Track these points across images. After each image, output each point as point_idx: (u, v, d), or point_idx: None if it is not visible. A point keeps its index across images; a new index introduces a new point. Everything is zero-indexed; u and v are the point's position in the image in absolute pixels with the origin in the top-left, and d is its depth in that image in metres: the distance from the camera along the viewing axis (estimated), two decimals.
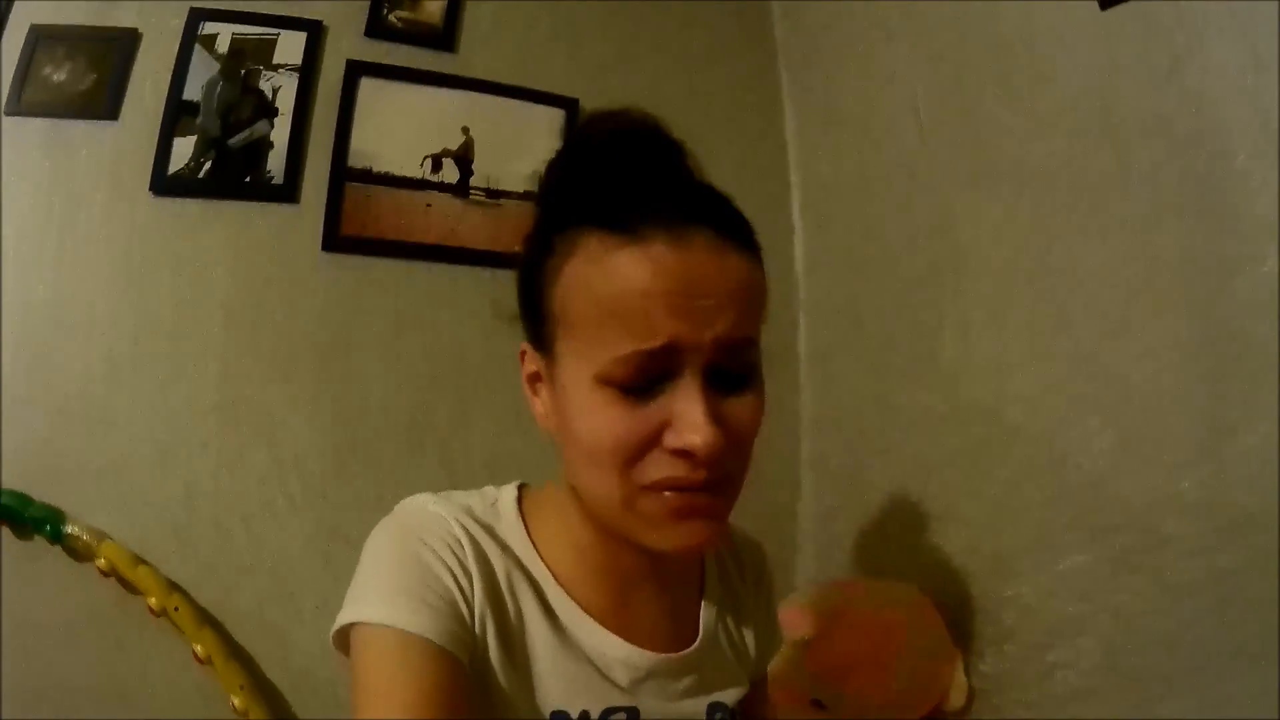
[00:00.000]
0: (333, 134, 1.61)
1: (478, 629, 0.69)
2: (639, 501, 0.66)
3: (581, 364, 0.65)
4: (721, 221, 0.66)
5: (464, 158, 1.65)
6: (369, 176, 1.61)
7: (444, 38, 1.71)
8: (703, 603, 0.83)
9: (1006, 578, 1.28)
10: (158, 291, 1.49)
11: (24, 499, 1.37)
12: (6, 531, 1.37)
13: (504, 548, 0.73)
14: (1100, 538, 1.15)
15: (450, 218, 1.62)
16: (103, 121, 1.54)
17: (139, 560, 1.39)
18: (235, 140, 1.57)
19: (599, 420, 0.65)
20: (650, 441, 0.64)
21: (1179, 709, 1.03)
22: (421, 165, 1.63)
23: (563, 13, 1.78)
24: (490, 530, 0.74)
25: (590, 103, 1.66)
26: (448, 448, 1.56)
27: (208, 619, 1.41)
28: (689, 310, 0.62)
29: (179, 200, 1.53)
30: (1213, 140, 1.06)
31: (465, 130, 1.66)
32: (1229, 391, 1.01)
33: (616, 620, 0.75)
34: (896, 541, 1.48)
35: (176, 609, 1.38)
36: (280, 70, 1.62)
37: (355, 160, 1.61)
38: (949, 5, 1.48)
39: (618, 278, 0.63)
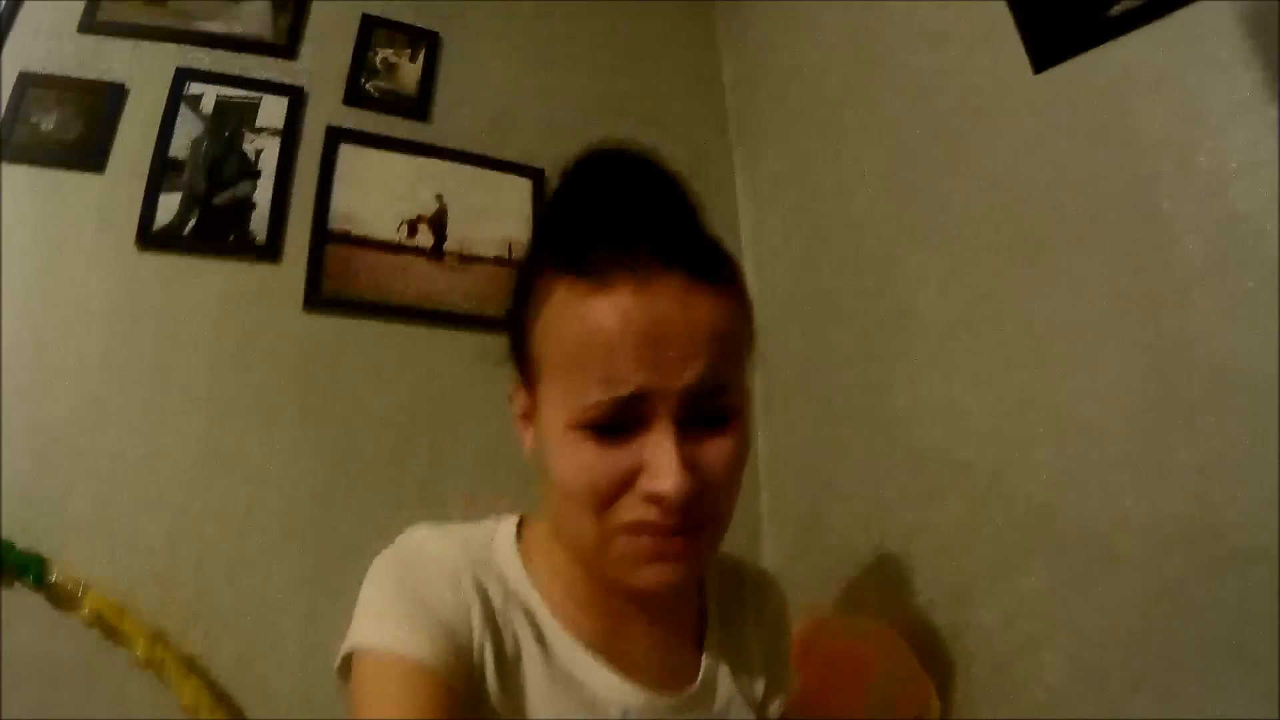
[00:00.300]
0: (313, 196, 1.69)
1: (475, 658, 0.70)
2: (613, 542, 0.67)
3: (558, 408, 0.67)
4: (695, 263, 0.66)
5: (438, 222, 1.76)
6: (348, 239, 1.69)
7: (418, 107, 1.82)
8: (705, 645, 0.83)
9: (968, 605, 1.38)
10: (143, 341, 1.53)
11: (7, 545, 1.37)
12: None
13: (501, 580, 0.75)
14: (1054, 559, 1.26)
15: (426, 280, 1.72)
16: (90, 174, 1.58)
17: (123, 611, 1.40)
18: (220, 198, 1.64)
19: (573, 463, 0.66)
20: (624, 484, 0.65)
21: (1143, 711, 1.11)
22: (398, 230, 1.73)
23: (532, 84, 1.91)
24: (487, 563, 0.75)
25: (557, 173, 1.80)
26: (426, 492, 1.64)
27: (193, 668, 1.43)
28: (655, 360, 0.63)
29: (163, 254, 1.59)
30: (1141, 189, 1.19)
31: (439, 197, 1.77)
32: (1165, 417, 1.13)
33: (609, 654, 0.76)
34: (859, 581, 1.58)
35: (163, 661, 1.39)
36: (263, 133, 1.69)
37: (335, 222, 1.69)
38: (895, 78, 1.64)
39: (585, 326, 0.64)
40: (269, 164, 1.68)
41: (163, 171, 1.62)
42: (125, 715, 1.40)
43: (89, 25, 1.66)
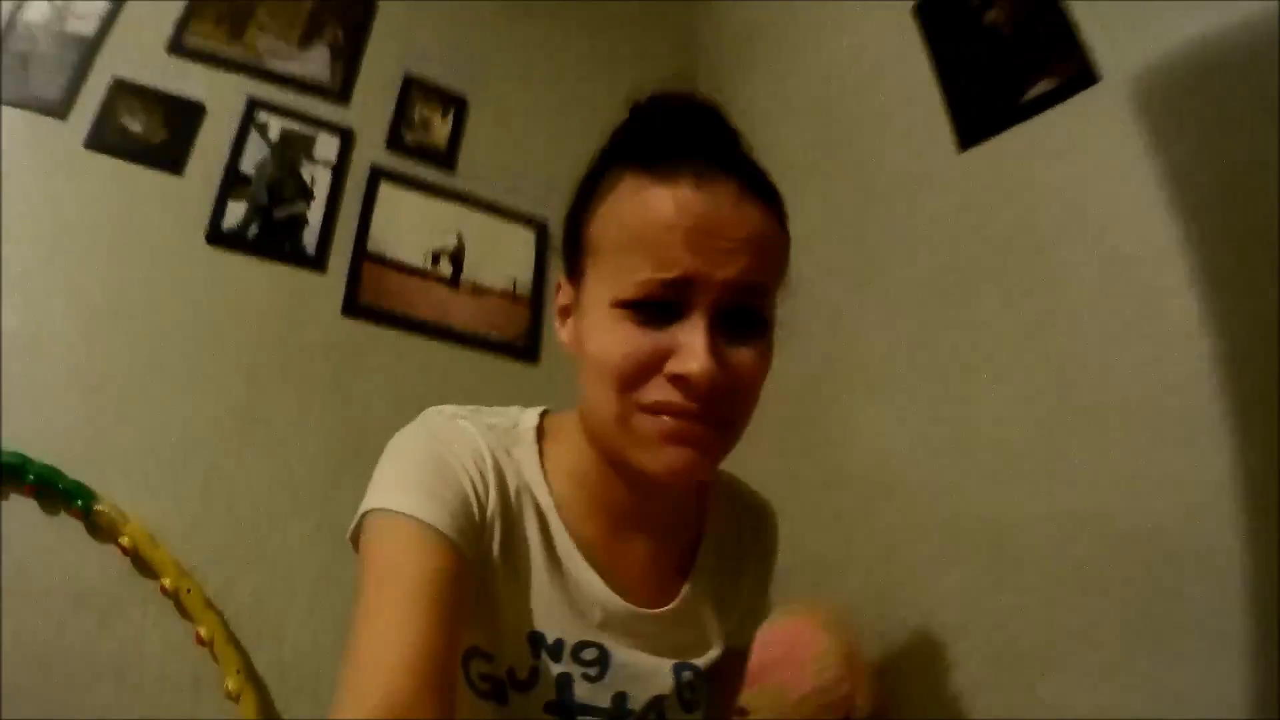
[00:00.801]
0: (356, 221, 1.97)
1: (486, 534, 0.74)
2: (634, 420, 0.71)
3: (604, 287, 0.72)
4: (748, 177, 0.73)
5: (457, 257, 2.06)
6: (383, 260, 1.97)
7: (447, 157, 2.13)
8: (694, 567, 0.87)
9: (895, 605, 1.55)
10: (201, 318, 1.76)
11: (55, 472, 1.53)
12: (32, 504, 1.53)
13: (517, 470, 0.79)
14: (971, 559, 1.45)
15: (443, 303, 2.01)
16: (169, 175, 1.82)
17: (157, 544, 1.57)
18: (279, 213, 1.89)
19: (610, 338, 0.70)
20: (653, 365, 0.69)
21: (1057, 686, 1.25)
22: (424, 258, 2.03)
23: (541, 143, 2.21)
24: (508, 450, 0.79)
25: (560, 225, 2.14)
26: None
27: (212, 605, 1.60)
28: (706, 248, 0.68)
29: (228, 252, 1.83)
30: (1042, 239, 1.46)
31: (459, 235, 2.07)
32: (1061, 427, 1.36)
33: (603, 561, 0.80)
34: (798, 590, 1.67)
35: (189, 591, 1.57)
36: (318, 163, 1.97)
37: (373, 245, 1.97)
38: (845, 155, 1.96)
39: (646, 210, 0.70)
40: (321, 190, 1.95)
41: (231, 183, 1.87)
42: (139, 640, 1.55)
43: (177, 48, 1.91)
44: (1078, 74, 1.52)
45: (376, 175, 2.03)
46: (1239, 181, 1.25)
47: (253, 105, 1.94)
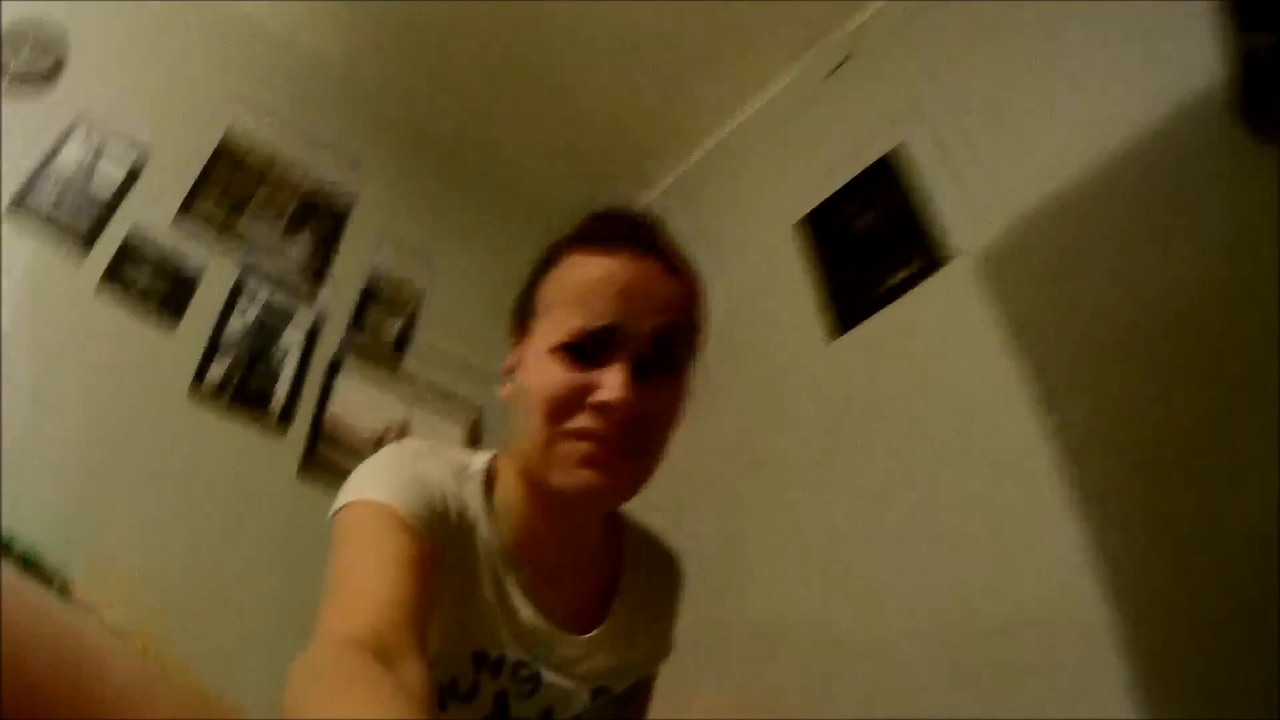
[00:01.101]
0: (318, 396, 2.19)
1: (447, 551, 0.80)
2: (558, 444, 0.80)
3: (545, 339, 0.83)
4: (672, 261, 0.87)
5: (401, 434, 2.29)
6: (337, 431, 2.19)
7: (397, 350, 2.41)
8: (614, 601, 0.95)
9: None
10: (179, 454, 1.92)
11: (39, 554, 1.57)
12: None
13: (467, 504, 0.86)
14: (860, 678, 1.73)
15: None
16: (167, 327, 2.00)
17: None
18: (253, 378, 2.09)
19: (544, 376, 0.81)
20: (579, 398, 0.79)
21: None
22: (373, 432, 2.25)
23: (483, 341, 2.38)
24: (461, 486, 0.86)
25: (490, 414, 2.42)
26: None
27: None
28: (632, 305, 0.81)
29: (208, 403, 2.00)
30: (904, 396, 1.85)
31: (405, 415, 2.32)
32: (923, 551, 1.70)
33: (537, 591, 0.88)
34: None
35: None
36: (290, 339, 2.20)
37: (330, 414, 2.18)
38: (740, 356, 2.25)
39: (586, 272, 0.83)
40: (291, 363, 2.17)
41: (216, 345, 2.06)
42: None
43: (182, 218, 2.14)
44: (929, 260, 1.95)
45: (335, 365, 2.27)
46: (1071, 328, 1.68)
47: (241, 282, 2.17)
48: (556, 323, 0.82)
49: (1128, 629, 1.45)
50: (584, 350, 0.80)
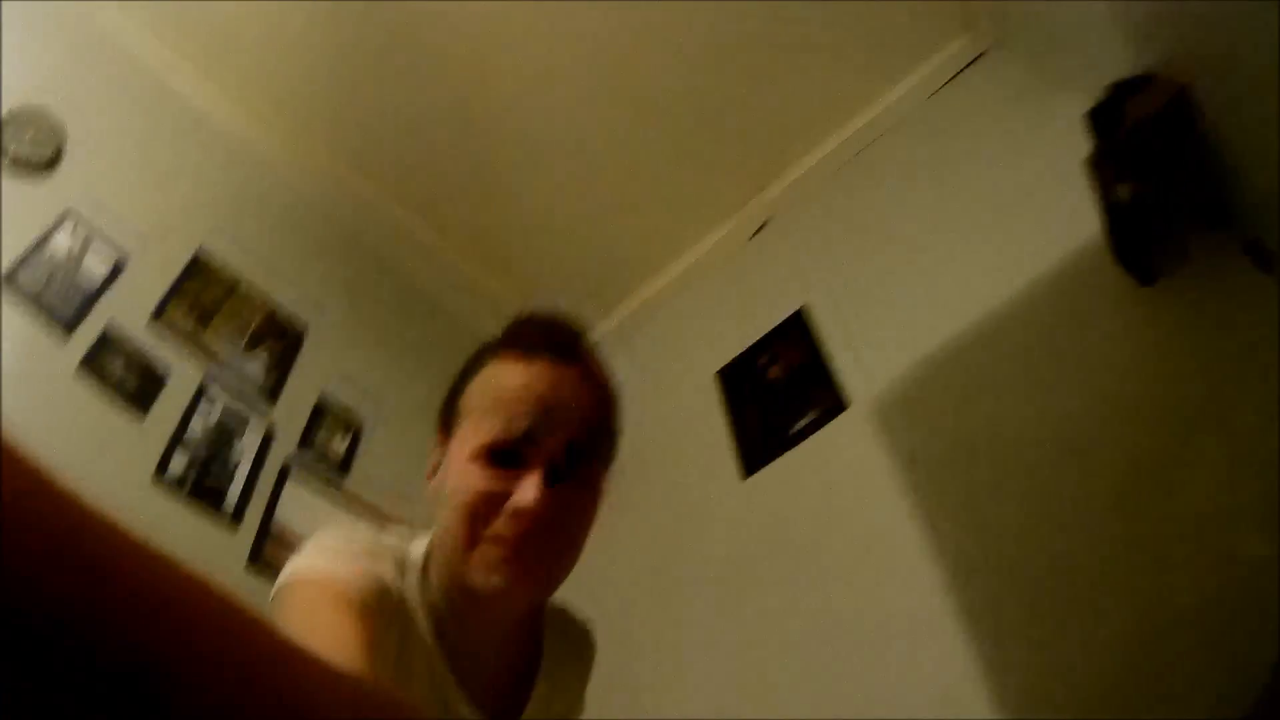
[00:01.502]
0: (268, 499, 2.24)
1: (387, 633, 0.80)
2: (476, 547, 0.82)
3: (467, 444, 0.85)
4: (591, 370, 0.91)
5: None
6: (285, 531, 2.21)
7: (342, 467, 2.50)
8: (536, 684, 0.97)
9: None
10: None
11: None
12: None
13: (409, 593, 0.87)
14: None
15: None
16: (136, 416, 2.05)
17: None
18: (210, 477, 2.13)
19: (466, 480, 0.83)
20: (497, 502, 0.82)
21: None
22: None
23: (419, 472, 2.63)
24: (401, 574, 0.87)
25: None
26: None
27: None
28: (550, 413, 0.83)
29: (170, 492, 2.02)
30: (804, 533, 2.08)
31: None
32: (825, 666, 1.88)
33: (466, 682, 0.88)
34: None
35: None
36: (245, 443, 2.26)
37: (279, 520, 2.22)
38: (653, 490, 2.47)
39: (507, 377, 0.86)
40: (245, 467, 2.22)
41: (179, 439, 2.11)
42: None
43: (155, 321, 2.23)
44: (832, 405, 2.22)
45: (287, 467, 2.34)
46: (956, 464, 1.92)
47: (204, 386, 2.25)
48: (476, 428, 0.86)
49: None
50: (502, 456, 0.83)
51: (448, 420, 0.92)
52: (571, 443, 0.85)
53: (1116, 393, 1.79)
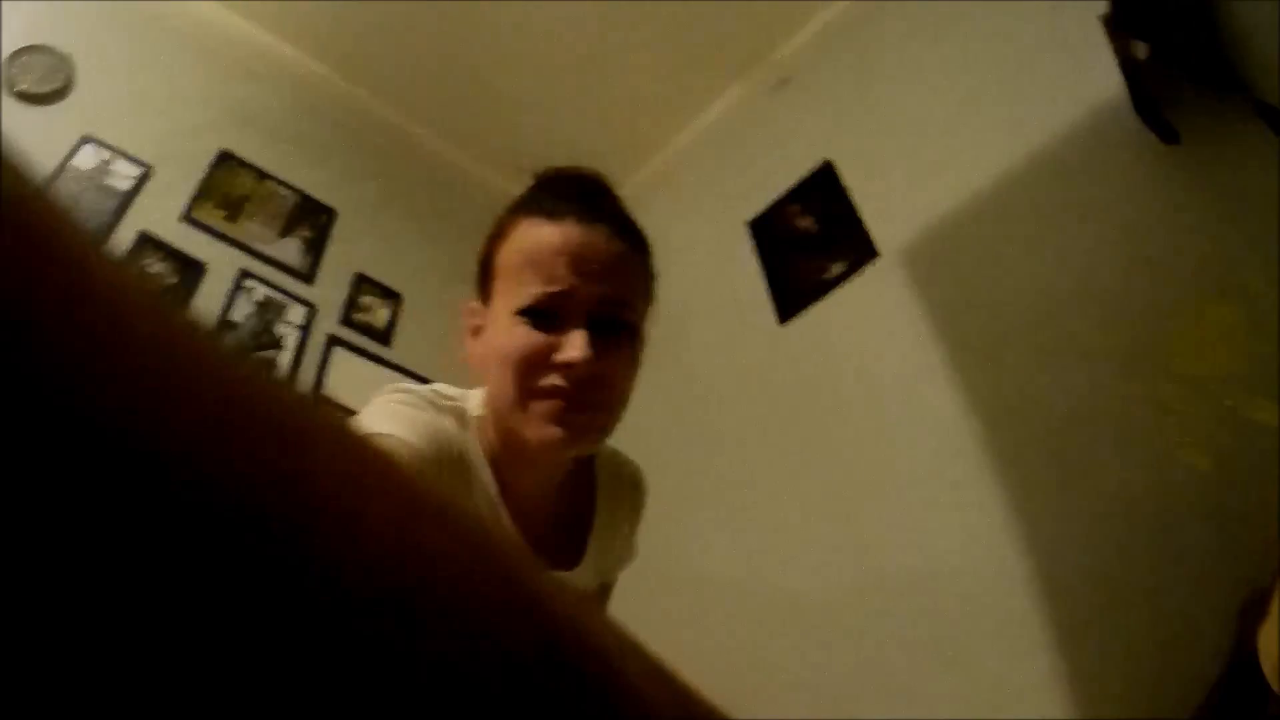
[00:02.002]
0: (316, 370, 2.41)
1: (453, 487, 0.85)
2: (529, 403, 0.85)
3: (507, 301, 0.87)
4: (619, 224, 0.92)
5: None
6: (334, 404, 2.40)
7: (385, 337, 2.65)
8: (591, 532, 1.01)
9: (732, 675, 1.83)
10: None
11: None
12: None
13: (469, 446, 0.91)
14: (792, 627, 1.94)
15: None
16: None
17: None
18: (259, 352, 2.31)
19: (511, 338, 0.85)
20: (544, 357, 0.84)
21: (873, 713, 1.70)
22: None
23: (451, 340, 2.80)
24: (464, 429, 0.92)
25: None
26: None
27: None
28: (585, 269, 0.86)
29: None
30: (836, 378, 2.13)
31: None
32: (854, 514, 1.92)
33: (528, 531, 0.93)
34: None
35: None
36: (289, 325, 2.43)
37: (327, 392, 2.40)
38: (689, 341, 2.56)
39: (539, 240, 0.88)
40: (290, 343, 2.40)
41: (223, 326, 2.28)
42: None
43: (186, 217, 2.38)
44: (862, 254, 2.24)
45: (332, 341, 2.50)
46: (984, 314, 1.93)
47: (242, 275, 2.40)
48: (517, 287, 0.87)
49: (1040, 577, 1.65)
50: (542, 314, 0.86)
51: (485, 284, 0.94)
52: (607, 295, 0.87)
53: (1136, 249, 1.78)
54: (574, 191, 0.93)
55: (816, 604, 1.96)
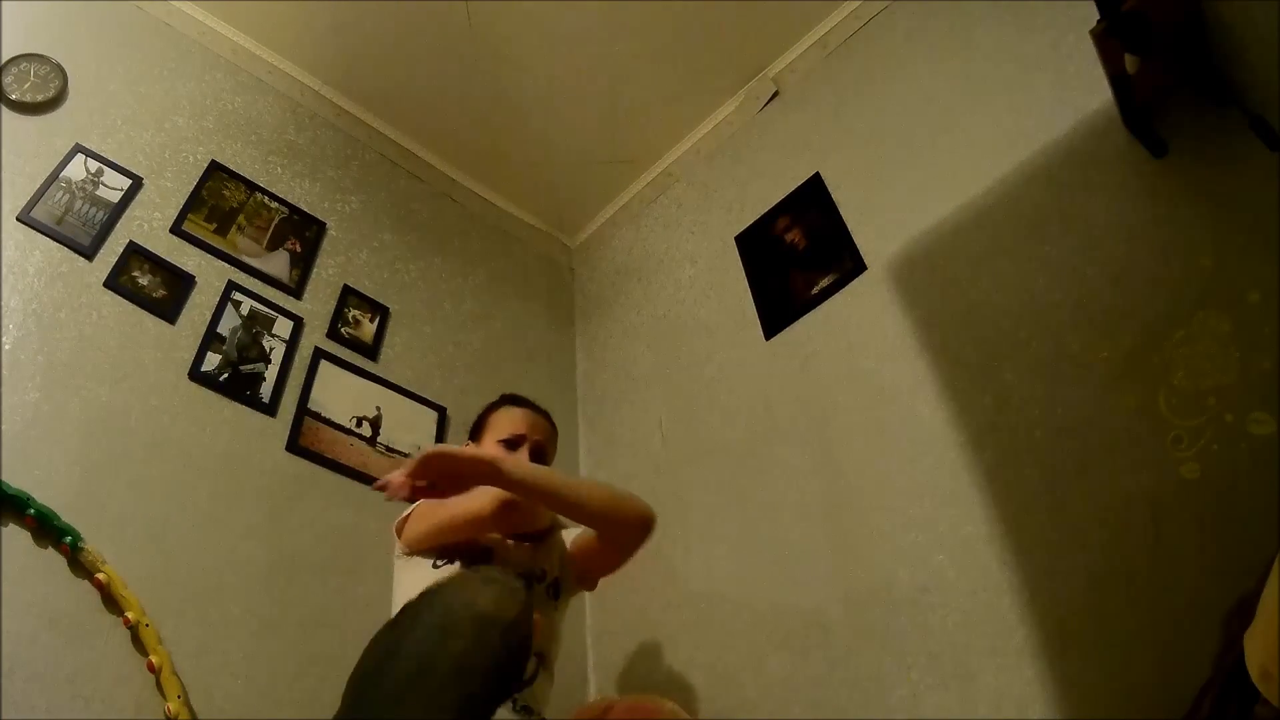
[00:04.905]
0: (301, 386, 2.43)
1: None
2: None
3: (492, 437, 1.84)
4: (547, 416, 1.94)
5: (375, 424, 2.53)
6: (319, 417, 2.42)
7: (372, 350, 2.67)
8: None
9: (733, 687, 2.02)
10: (180, 432, 2.11)
11: (53, 513, 1.78)
12: (27, 535, 1.76)
13: None
14: (788, 642, 1.98)
15: (362, 456, 2.45)
16: (166, 322, 2.24)
17: (126, 585, 1.80)
18: (244, 368, 2.33)
19: (496, 451, 1.70)
20: None
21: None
22: (350, 421, 2.49)
23: (446, 350, 2.83)
24: None
25: (455, 411, 2.69)
26: (346, 581, 2.21)
27: (164, 642, 1.79)
28: (530, 430, 1.84)
29: (204, 389, 2.23)
30: (826, 392, 2.16)
31: (378, 408, 2.56)
32: (842, 528, 1.95)
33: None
34: (660, 690, 2.15)
35: (147, 625, 1.78)
36: (275, 338, 2.45)
37: (312, 404, 2.42)
38: (681, 360, 2.68)
39: (510, 414, 1.89)
40: (277, 358, 2.42)
41: (210, 338, 2.30)
42: (101, 661, 1.73)
43: (177, 229, 2.40)
44: (851, 268, 2.26)
45: (319, 355, 2.52)
46: (971, 326, 1.96)
47: (230, 287, 2.43)
48: (497, 433, 1.84)
49: (1032, 589, 1.68)
50: (510, 443, 1.81)
51: (476, 433, 1.93)
52: (538, 442, 1.85)
53: (1127, 262, 1.80)
54: (526, 400, 1.95)
55: (809, 617, 1.97)
